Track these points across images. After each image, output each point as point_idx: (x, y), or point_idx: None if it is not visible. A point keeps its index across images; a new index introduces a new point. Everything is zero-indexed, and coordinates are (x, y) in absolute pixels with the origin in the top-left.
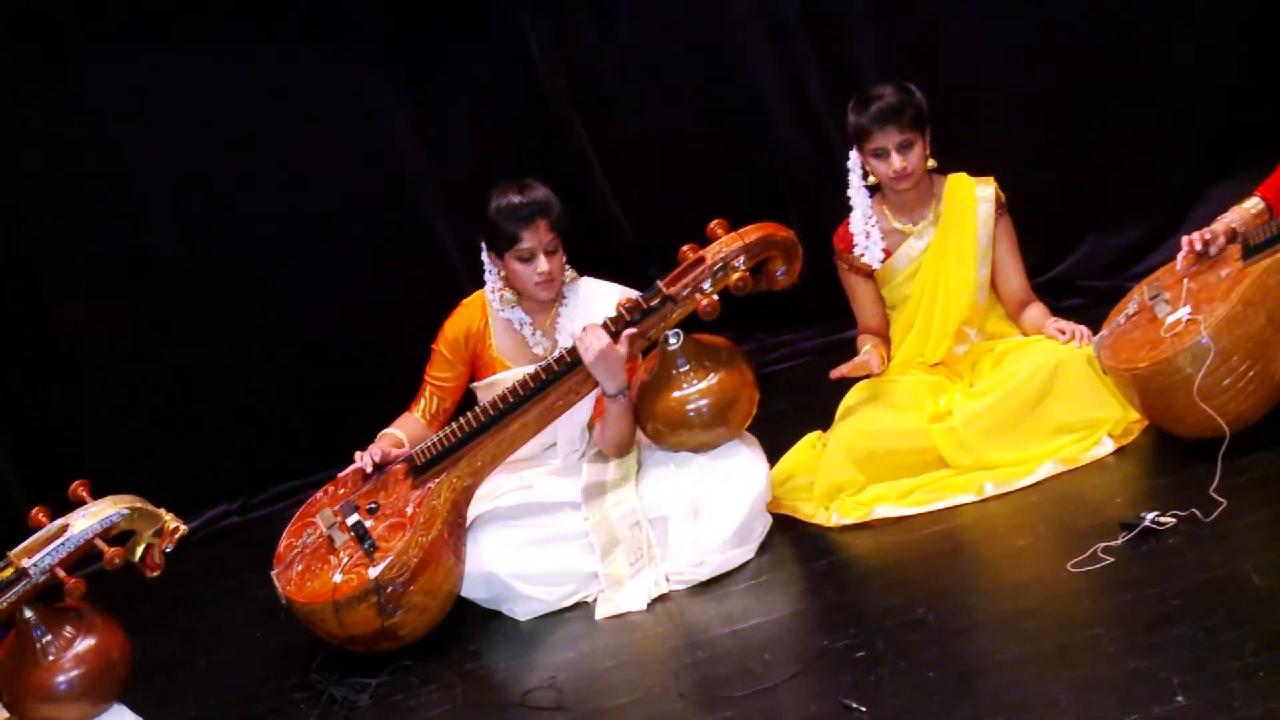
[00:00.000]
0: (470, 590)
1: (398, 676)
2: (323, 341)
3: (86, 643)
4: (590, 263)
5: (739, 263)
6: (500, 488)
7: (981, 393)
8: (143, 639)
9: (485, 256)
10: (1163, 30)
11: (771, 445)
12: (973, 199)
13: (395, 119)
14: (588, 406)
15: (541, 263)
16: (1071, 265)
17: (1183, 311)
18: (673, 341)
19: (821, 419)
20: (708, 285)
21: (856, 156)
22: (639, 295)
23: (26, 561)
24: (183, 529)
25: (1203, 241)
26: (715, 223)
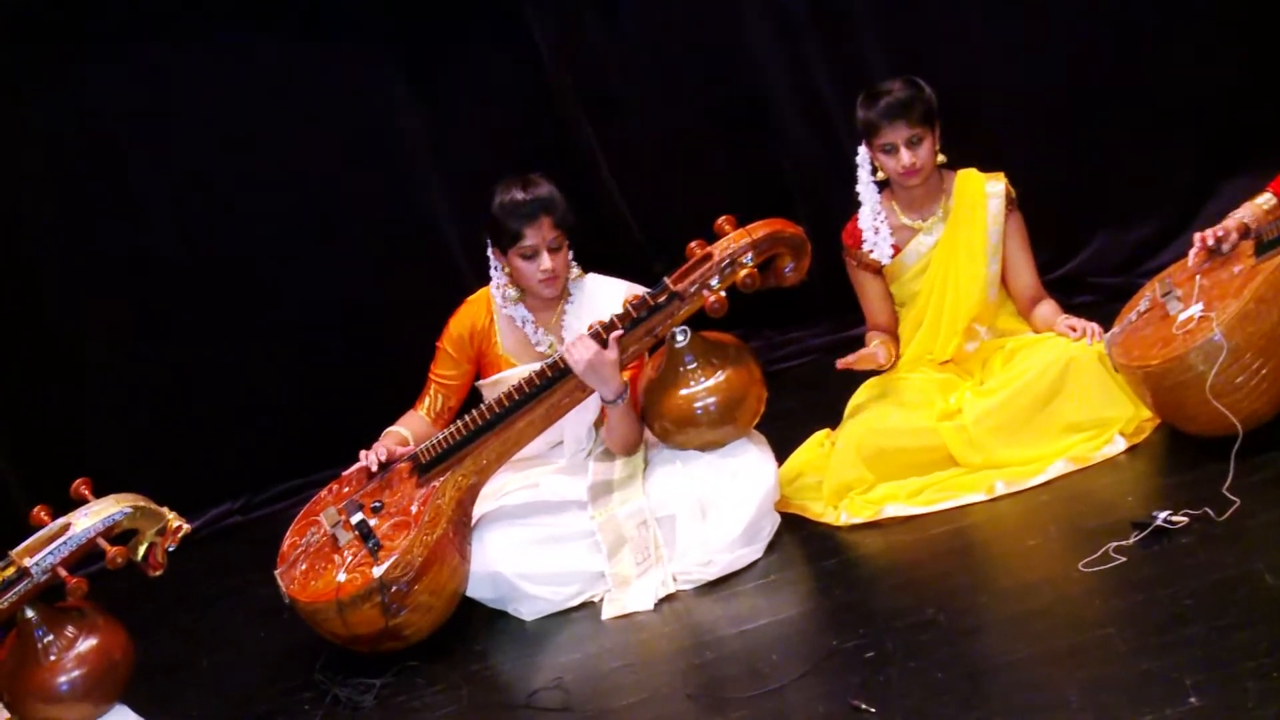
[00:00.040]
0: (476, 590)
1: (402, 677)
2: (323, 341)
3: (88, 643)
4: (597, 260)
5: (747, 259)
6: (506, 486)
7: (992, 390)
8: (145, 639)
9: (490, 253)
10: (1170, 27)
11: (780, 443)
12: (983, 195)
13: (398, 118)
14: (595, 404)
15: (545, 260)
16: (1082, 262)
17: (1195, 308)
18: (680, 339)
19: (830, 417)
20: (715, 282)
21: (865, 152)
22: (646, 292)
23: (28, 561)
24: (186, 527)
25: (1215, 238)
26: (723, 219)
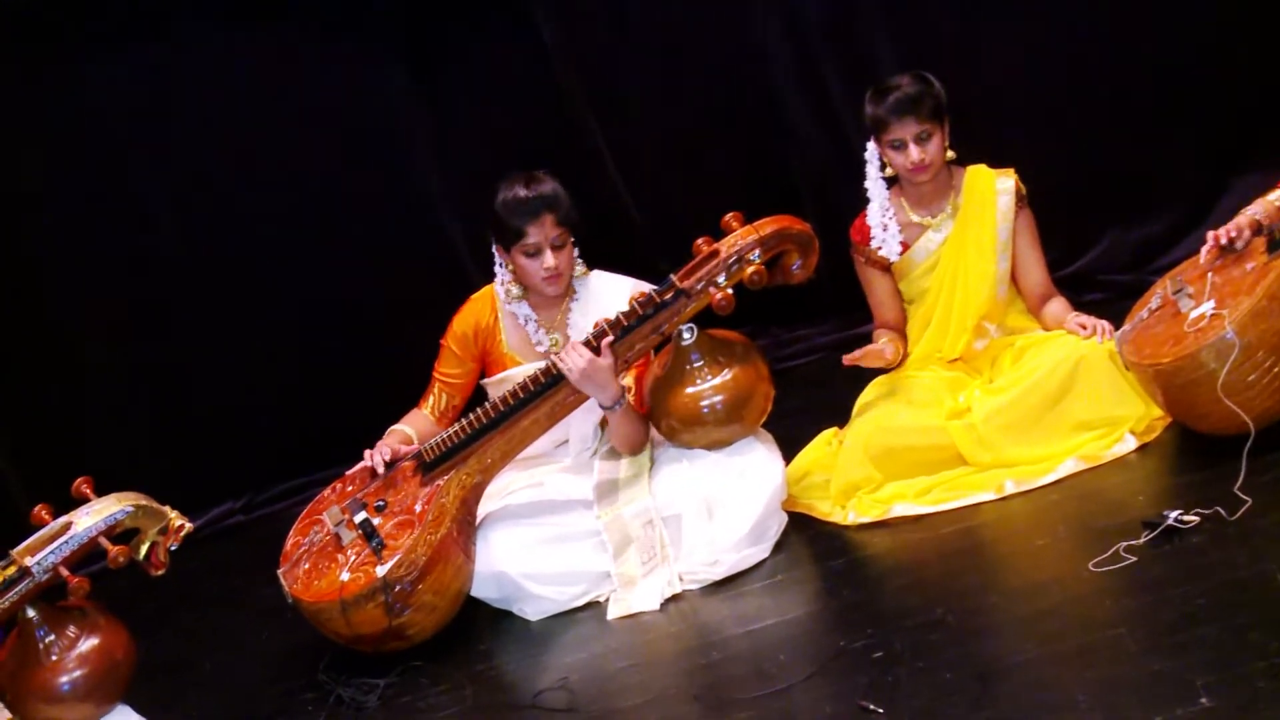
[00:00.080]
0: (480, 590)
1: (406, 677)
2: (323, 341)
3: (90, 642)
4: (603, 257)
5: (754, 256)
6: (511, 485)
7: (1001, 389)
8: (147, 639)
9: (494, 249)
10: (1180, 26)
11: (787, 442)
12: (993, 191)
13: (400, 117)
14: None
15: (548, 258)
16: (1093, 259)
17: (1206, 306)
18: (686, 337)
19: (838, 415)
20: (722, 279)
21: (874, 148)
22: (652, 289)
23: (29, 560)
24: (188, 527)
25: (1228, 236)
26: (730, 215)
